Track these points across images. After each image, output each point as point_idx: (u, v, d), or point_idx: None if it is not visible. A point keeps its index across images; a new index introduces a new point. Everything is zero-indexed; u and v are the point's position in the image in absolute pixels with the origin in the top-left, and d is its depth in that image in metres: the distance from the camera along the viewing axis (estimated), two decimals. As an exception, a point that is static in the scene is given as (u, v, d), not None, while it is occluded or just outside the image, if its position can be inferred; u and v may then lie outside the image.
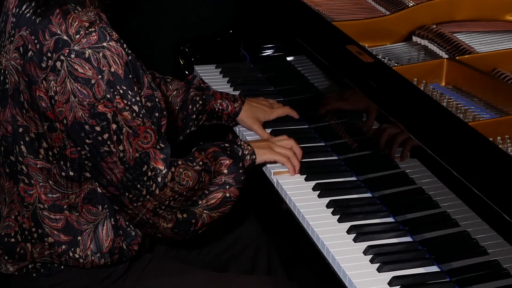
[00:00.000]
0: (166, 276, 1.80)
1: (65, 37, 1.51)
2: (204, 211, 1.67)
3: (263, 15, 2.47)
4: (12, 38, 1.60)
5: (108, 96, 1.51)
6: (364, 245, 1.62)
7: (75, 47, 1.51)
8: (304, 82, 2.21)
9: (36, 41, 1.54)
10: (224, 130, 2.12)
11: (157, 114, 1.64)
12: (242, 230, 2.05)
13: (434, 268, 1.57)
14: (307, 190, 1.84)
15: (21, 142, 1.62)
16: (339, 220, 1.72)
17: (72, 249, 1.66)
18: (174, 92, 2.04)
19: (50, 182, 1.63)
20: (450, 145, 1.59)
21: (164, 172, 1.59)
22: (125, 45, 1.57)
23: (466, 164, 1.51)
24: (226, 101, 2.05)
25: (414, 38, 2.21)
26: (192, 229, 1.67)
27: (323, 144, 2.05)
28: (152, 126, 1.59)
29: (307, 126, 2.13)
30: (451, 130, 1.64)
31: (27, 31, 1.56)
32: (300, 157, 1.91)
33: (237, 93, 2.30)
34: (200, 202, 1.67)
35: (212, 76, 2.43)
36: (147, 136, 1.57)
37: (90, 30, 1.51)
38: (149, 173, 1.58)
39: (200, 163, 1.69)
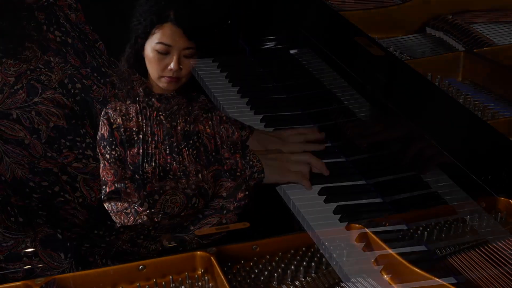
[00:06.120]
0: None
1: None
2: (195, 238, 1.63)
3: (264, 4, 2.47)
4: None
5: (49, 154, 1.46)
6: (374, 254, 1.61)
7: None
8: (309, 77, 2.21)
9: None
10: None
11: (119, 148, 1.59)
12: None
13: None
14: (312, 195, 1.83)
15: None
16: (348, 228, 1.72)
17: None
18: None
19: (0, 229, 1.58)
20: (467, 146, 1.59)
21: (138, 203, 1.55)
22: (70, 85, 1.48)
23: (484, 167, 1.51)
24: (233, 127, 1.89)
25: (428, 30, 2.21)
26: (180, 249, 1.62)
27: (329, 144, 2.05)
28: (114, 159, 1.53)
29: (311, 126, 2.13)
30: (468, 129, 1.64)
31: None
32: (323, 170, 1.85)
33: (236, 89, 2.31)
34: (192, 227, 1.64)
35: (209, 71, 2.42)
36: (109, 173, 1.52)
37: (16, 87, 1.47)
38: (120, 207, 1.55)
39: (193, 186, 1.63)
